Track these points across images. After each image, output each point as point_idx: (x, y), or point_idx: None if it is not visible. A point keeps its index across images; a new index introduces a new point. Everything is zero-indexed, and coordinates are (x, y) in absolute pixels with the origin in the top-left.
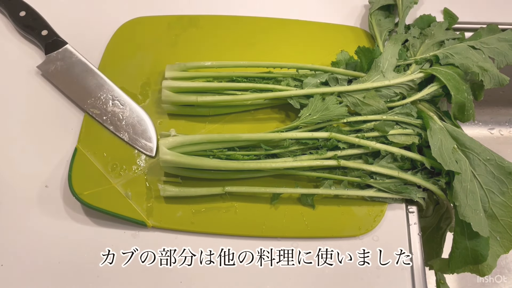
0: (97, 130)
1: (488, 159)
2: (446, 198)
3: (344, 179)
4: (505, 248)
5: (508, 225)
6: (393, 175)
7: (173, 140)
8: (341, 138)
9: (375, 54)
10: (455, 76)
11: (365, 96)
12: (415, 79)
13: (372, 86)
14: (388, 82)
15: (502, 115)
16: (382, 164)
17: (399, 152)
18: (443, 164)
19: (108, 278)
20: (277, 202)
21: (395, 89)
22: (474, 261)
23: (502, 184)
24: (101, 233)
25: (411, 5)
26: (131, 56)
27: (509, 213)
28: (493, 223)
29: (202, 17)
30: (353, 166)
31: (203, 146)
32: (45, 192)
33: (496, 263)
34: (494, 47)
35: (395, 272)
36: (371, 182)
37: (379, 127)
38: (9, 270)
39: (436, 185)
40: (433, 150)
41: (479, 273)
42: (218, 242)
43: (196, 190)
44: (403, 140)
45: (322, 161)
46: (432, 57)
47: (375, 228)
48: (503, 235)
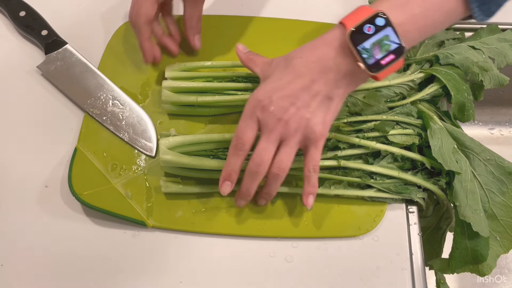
0: (97, 130)
1: (488, 159)
2: (446, 198)
3: (344, 179)
4: (505, 248)
5: (508, 225)
6: (394, 175)
7: (173, 140)
8: (342, 138)
9: None
10: (455, 76)
11: (366, 96)
12: (415, 79)
13: (372, 86)
14: (389, 82)
15: (502, 115)
16: (382, 164)
17: (400, 152)
18: (443, 164)
19: (108, 278)
20: (277, 202)
21: (395, 89)
22: (474, 261)
23: (502, 184)
24: (101, 233)
25: None
26: (131, 56)
27: (509, 213)
28: (493, 223)
29: (202, 17)
30: (353, 167)
31: (203, 146)
32: (45, 192)
33: (496, 263)
34: (494, 47)
35: (395, 272)
36: (371, 183)
37: (379, 127)
38: (9, 270)
39: (436, 185)
40: (433, 150)
41: (479, 273)
42: (218, 242)
43: (197, 188)
44: (404, 140)
45: (322, 162)
46: (432, 57)
47: (375, 228)
48: (503, 235)
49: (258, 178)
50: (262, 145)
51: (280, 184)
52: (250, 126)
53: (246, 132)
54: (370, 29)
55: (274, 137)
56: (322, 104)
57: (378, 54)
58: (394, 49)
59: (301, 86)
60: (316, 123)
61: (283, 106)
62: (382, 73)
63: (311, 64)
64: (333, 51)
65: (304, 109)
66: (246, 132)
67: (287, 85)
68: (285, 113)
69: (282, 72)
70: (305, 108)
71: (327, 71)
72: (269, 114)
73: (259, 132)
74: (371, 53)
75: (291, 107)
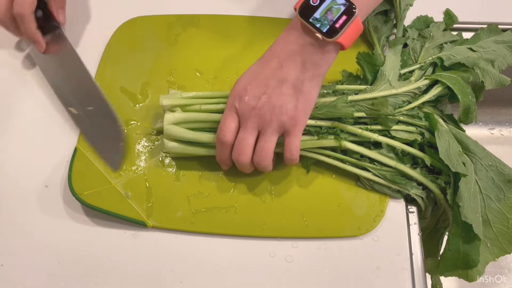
0: None
1: (490, 164)
2: (443, 198)
3: (343, 158)
4: (494, 255)
5: (500, 232)
6: (391, 165)
7: (178, 116)
8: (344, 128)
9: (376, 61)
10: (459, 80)
11: (374, 103)
12: (421, 86)
13: (380, 95)
14: (396, 91)
15: (502, 115)
16: (382, 152)
17: (400, 146)
18: (450, 166)
19: (108, 278)
20: (277, 202)
21: (402, 98)
22: (464, 265)
23: (500, 191)
24: (101, 233)
25: (407, 8)
26: (131, 56)
27: (502, 220)
28: (486, 229)
29: (202, 17)
30: (353, 148)
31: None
32: (45, 192)
33: (484, 270)
34: (491, 50)
35: (395, 272)
36: (368, 166)
37: (382, 121)
38: (9, 270)
39: (434, 184)
40: (440, 151)
41: (467, 278)
42: (218, 242)
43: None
44: (406, 136)
45: (323, 141)
46: (436, 59)
47: (375, 228)
48: (494, 242)
49: (243, 165)
50: (241, 135)
51: (269, 166)
52: (230, 117)
53: (226, 123)
54: (315, 1)
55: (250, 125)
56: (292, 90)
57: (331, 19)
58: (344, 10)
59: (270, 74)
60: (288, 109)
61: (256, 95)
62: (342, 38)
63: (279, 52)
64: (295, 34)
65: (276, 97)
66: (227, 123)
67: (259, 74)
68: (258, 101)
69: (256, 64)
70: (276, 96)
71: (293, 55)
72: (244, 104)
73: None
74: (323, 21)
75: (263, 96)
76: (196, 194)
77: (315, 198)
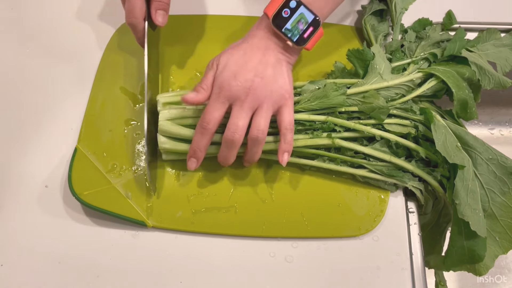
0: (97, 130)
1: (491, 158)
2: (442, 191)
3: (337, 156)
4: (504, 248)
5: (508, 225)
6: (385, 159)
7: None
8: (337, 121)
9: (366, 56)
10: (454, 74)
11: (365, 96)
12: (414, 79)
13: (371, 88)
14: (387, 83)
15: (502, 115)
16: (375, 147)
17: (394, 139)
18: (447, 157)
19: (108, 278)
20: (277, 202)
21: (395, 90)
22: (470, 260)
23: (503, 184)
24: (101, 233)
25: (403, 11)
26: (131, 56)
27: (509, 213)
28: (493, 223)
29: (202, 17)
30: (346, 146)
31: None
32: (45, 192)
33: (493, 263)
34: (491, 52)
35: (395, 272)
36: (363, 162)
37: (375, 115)
38: (9, 270)
39: (431, 176)
40: (437, 143)
41: (475, 272)
42: (218, 242)
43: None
44: (399, 129)
45: (316, 140)
46: (429, 55)
47: (375, 228)
48: (502, 236)
49: (234, 146)
50: (235, 114)
51: (261, 148)
52: (216, 107)
53: (212, 112)
54: (287, 13)
55: (247, 105)
56: (277, 69)
57: (301, 29)
58: (310, 22)
59: (257, 61)
60: (281, 85)
61: (249, 79)
62: (309, 44)
63: (256, 47)
64: (268, 36)
65: (269, 77)
66: (212, 112)
67: (246, 63)
68: (252, 83)
69: (237, 58)
70: (268, 77)
71: (270, 49)
72: (238, 88)
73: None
74: (294, 31)
75: (256, 78)
76: (196, 194)
77: (315, 198)
